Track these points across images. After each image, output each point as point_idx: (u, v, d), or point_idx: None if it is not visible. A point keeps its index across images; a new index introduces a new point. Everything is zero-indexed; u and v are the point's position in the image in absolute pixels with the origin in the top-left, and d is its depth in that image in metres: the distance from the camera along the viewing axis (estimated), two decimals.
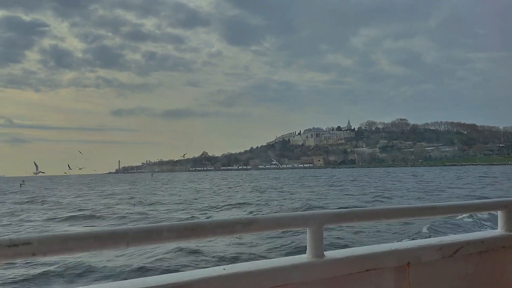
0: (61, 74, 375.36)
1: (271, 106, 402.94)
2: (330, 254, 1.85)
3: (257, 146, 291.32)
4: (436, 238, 2.26)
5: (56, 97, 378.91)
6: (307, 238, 1.81)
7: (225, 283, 1.57)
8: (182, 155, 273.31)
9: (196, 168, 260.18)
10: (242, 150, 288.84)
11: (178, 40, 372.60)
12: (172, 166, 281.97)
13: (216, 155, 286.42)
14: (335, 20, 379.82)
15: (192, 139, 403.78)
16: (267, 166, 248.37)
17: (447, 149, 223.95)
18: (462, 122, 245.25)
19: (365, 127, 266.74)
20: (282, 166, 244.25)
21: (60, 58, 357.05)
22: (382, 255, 1.96)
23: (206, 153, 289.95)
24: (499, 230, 2.41)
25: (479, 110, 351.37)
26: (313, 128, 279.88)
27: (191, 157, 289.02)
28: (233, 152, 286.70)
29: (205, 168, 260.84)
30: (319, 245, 1.80)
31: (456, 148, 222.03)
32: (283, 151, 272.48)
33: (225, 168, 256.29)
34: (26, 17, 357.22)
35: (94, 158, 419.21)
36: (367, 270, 1.89)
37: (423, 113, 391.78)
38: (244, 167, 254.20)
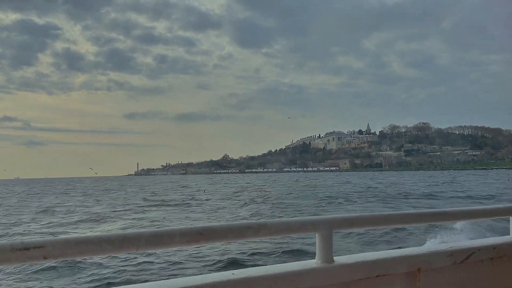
0: (73, 77, 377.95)
1: (282, 110, 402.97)
2: (339, 259, 1.83)
3: (276, 149, 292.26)
4: (447, 244, 2.24)
5: (68, 100, 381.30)
6: (316, 243, 1.80)
7: None
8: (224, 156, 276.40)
9: (221, 171, 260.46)
10: (257, 154, 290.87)
11: (189, 43, 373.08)
12: (196, 168, 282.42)
13: (234, 158, 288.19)
14: (347, 24, 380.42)
15: (205, 143, 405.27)
16: (292, 169, 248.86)
17: (474, 152, 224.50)
18: (487, 126, 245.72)
19: (387, 130, 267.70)
20: (308, 169, 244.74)
21: (72, 61, 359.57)
22: (392, 260, 1.94)
23: (228, 155, 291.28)
24: (511, 237, 2.39)
25: (494, 114, 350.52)
26: (334, 131, 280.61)
27: (208, 160, 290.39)
28: (251, 155, 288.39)
29: (229, 171, 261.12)
30: (329, 250, 1.79)
31: (483, 152, 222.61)
32: (304, 154, 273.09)
33: (249, 170, 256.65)
34: (39, 20, 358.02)
35: (108, 161, 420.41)
36: (377, 276, 1.87)
37: (436, 116, 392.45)
38: (269, 169, 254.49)
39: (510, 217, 2.39)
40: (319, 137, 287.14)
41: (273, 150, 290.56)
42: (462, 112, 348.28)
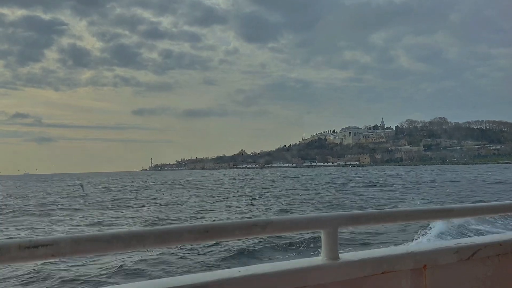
0: (79, 73, 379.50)
1: (289, 105, 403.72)
2: (345, 256, 1.84)
3: (290, 144, 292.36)
4: (453, 240, 2.24)
5: (75, 96, 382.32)
6: (321, 240, 1.81)
7: (240, 285, 1.57)
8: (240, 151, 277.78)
9: (240, 166, 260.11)
10: (266, 149, 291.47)
11: (194, 38, 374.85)
12: (214, 163, 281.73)
13: (248, 153, 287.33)
14: (355, 20, 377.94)
15: (213, 138, 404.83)
16: (312, 164, 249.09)
17: (495, 147, 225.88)
18: (504, 120, 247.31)
19: (404, 125, 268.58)
20: (328, 164, 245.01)
21: (78, 57, 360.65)
22: (398, 257, 1.94)
23: (244, 151, 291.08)
24: None
25: (504, 107, 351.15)
26: (350, 126, 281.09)
27: (221, 155, 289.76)
28: (259, 150, 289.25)
29: (249, 166, 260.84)
30: (334, 247, 1.79)
31: (504, 146, 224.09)
32: (321, 149, 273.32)
33: (269, 165, 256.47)
34: (45, 16, 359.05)
35: (118, 157, 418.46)
36: (383, 273, 1.87)
37: (445, 110, 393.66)
38: (288, 164, 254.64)
39: None
40: (333, 132, 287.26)
41: (284, 146, 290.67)
42: (470, 106, 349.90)
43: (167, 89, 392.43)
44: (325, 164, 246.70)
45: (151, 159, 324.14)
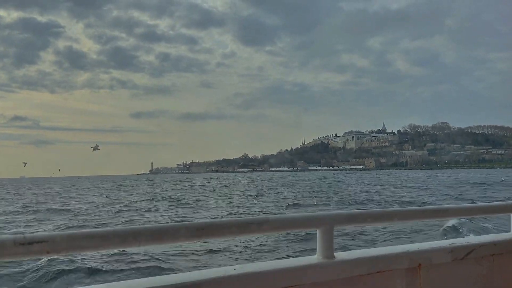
0: (75, 75, 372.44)
1: (287, 108, 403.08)
2: (340, 255, 1.84)
3: (291, 148, 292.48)
4: (448, 240, 2.24)
5: (71, 98, 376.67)
6: (317, 239, 1.81)
7: (235, 284, 1.56)
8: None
9: (245, 170, 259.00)
10: (265, 153, 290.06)
11: (191, 41, 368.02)
12: (218, 167, 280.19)
13: (250, 156, 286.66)
14: (352, 25, 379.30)
15: (212, 142, 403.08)
16: (318, 168, 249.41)
17: (498, 151, 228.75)
18: (506, 126, 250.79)
19: (407, 130, 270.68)
20: (334, 167, 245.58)
21: (74, 60, 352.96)
22: (393, 256, 1.95)
23: (247, 154, 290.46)
24: None
25: (501, 112, 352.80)
26: (353, 131, 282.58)
27: (221, 159, 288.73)
28: (258, 154, 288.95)
29: (254, 169, 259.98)
30: (330, 246, 1.79)
31: (507, 150, 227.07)
32: (324, 153, 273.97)
33: (274, 169, 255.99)
34: (41, 18, 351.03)
35: (117, 160, 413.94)
36: (378, 272, 1.88)
37: (442, 114, 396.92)
38: (294, 168, 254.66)
39: (511, 214, 2.41)
40: (335, 136, 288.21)
41: (286, 149, 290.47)
42: (467, 110, 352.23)
43: (164, 92, 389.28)
44: (330, 168, 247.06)
45: (152, 162, 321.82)
